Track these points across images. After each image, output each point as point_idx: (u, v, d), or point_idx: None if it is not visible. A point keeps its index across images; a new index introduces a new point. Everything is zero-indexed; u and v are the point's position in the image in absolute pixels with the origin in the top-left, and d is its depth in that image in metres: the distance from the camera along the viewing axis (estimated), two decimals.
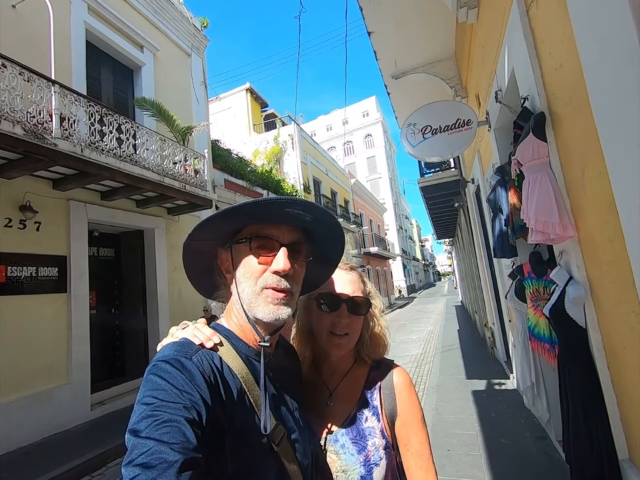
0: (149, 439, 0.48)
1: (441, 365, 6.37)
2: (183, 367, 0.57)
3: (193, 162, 6.91)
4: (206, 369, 0.60)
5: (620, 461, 1.66)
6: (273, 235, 0.71)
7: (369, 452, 0.82)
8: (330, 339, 0.88)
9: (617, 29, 1.19)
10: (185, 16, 8.53)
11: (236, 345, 0.70)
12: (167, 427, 0.49)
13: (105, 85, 6.84)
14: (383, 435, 0.85)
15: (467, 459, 3.02)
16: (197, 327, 0.70)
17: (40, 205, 4.98)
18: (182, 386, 0.54)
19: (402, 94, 5.33)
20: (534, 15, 2.02)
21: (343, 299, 0.88)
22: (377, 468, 0.81)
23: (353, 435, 0.85)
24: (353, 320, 0.88)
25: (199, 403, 0.54)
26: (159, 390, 0.53)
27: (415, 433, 0.84)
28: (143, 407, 0.52)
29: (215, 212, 0.69)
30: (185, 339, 0.65)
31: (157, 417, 0.50)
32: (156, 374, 0.56)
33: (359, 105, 36.62)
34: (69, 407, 4.96)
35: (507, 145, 3.02)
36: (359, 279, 0.95)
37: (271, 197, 0.70)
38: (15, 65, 4.22)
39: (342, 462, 0.82)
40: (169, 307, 6.93)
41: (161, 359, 0.58)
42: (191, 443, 0.49)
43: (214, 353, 0.65)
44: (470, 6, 3.20)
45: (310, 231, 0.76)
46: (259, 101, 17.64)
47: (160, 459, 0.46)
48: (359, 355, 0.95)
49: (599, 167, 1.47)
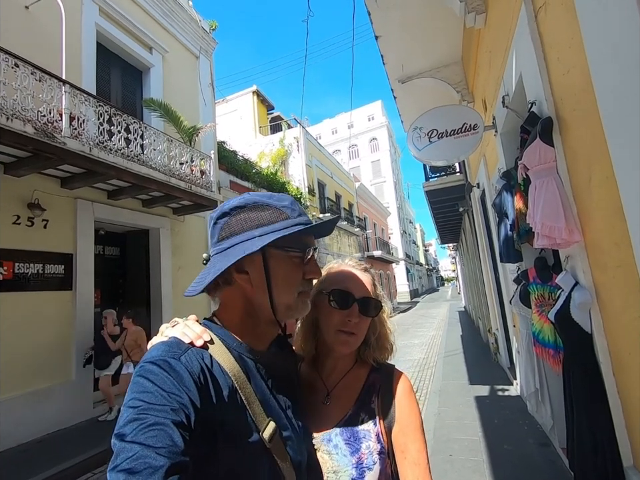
0: (134, 443, 0.47)
1: (443, 370, 6.34)
2: (171, 368, 0.56)
3: (199, 163, 6.96)
4: (195, 369, 0.59)
5: (625, 468, 1.65)
6: (310, 244, 0.76)
7: (362, 455, 0.81)
8: (337, 337, 0.87)
9: (625, 34, 1.19)
10: (193, 18, 8.63)
11: (227, 342, 0.69)
12: (153, 431, 0.49)
13: (114, 85, 6.92)
14: (379, 439, 0.83)
15: (470, 464, 3.00)
16: (187, 324, 0.69)
17: (48, 202, 5.03)
18: (169, 388, 0.54)
19: (408, 98, 5.35)
20: (542, 20, 2.03)
21: (355, 298, 0.87)
22: (369, 472, 0.80)
23: (347, 436, 0.83)
24: (362, 320, 0.88)
25: (187, 404, 0.53)
26: (146, 392, 0.53)
27: (413, 440, 0.82)
28: (130, 410, 0.51)
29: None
30: (174, 338, 0.64)
31: (142, 421, 0.49)
32: (143, 376, 0.55)
33: (364, 109, 36.71)
34: (71, 405, 4.98)
35: (513, 150, 3.03)
36: (372, 281, 0.94)
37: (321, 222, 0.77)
38: (27, 64, 4.29)
39: (333, 462, 0.81)
40: (173, 305, 6.96)
41: (149, 360, 0.57)
42: (177, 447, 0.49)
43: (204, 351, 0.64)
44: (478, 11, 3.21)
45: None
46: (265, 103, 17.75)
47: (145, 463, 0.46)
48: (360, 357, 0.94)
49: (606, 171, 1.47)
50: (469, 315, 14.17)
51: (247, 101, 16.97)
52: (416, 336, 11.36)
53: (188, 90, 8.48)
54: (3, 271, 4.51)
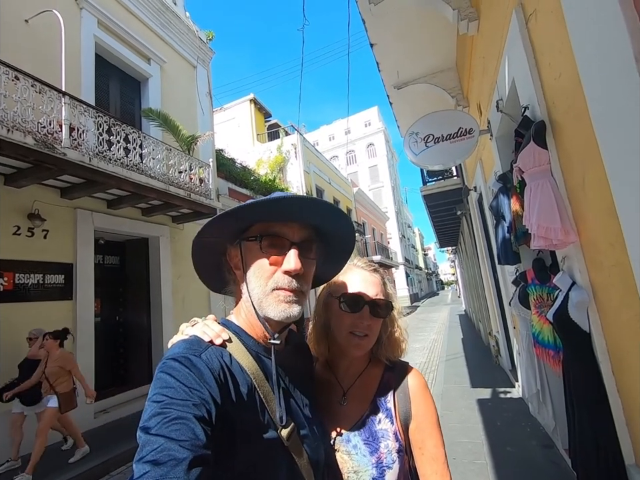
0: (158, 436, 0.49)
1: (445, 374, 6.33)
2: (192, 365, 0.58)
3: (198, 171, 7.01)
4: (215, 366, 0.60)
5: (627, 466, 1.66)
6: (283, 233, 0.70)
7: (381, 454, 0.81)
8: (350, 339, 0.87)
9: (612, 39, 1.23)
10: (191, 29, 8.74)
11: (245, 342, 0.71)
12: (176, 425, 0.50)
13: (113, 96, 6.98)
14: (396, 437, 0.84)
15: (473, 467, 2.99)
16: (206, 323, 0.70)
17: (48, 213, 5.06)
18: (191, 383, 0.55)
19: (404, 104, 5.41)
20: (533, 27, 2.08)
21: (365, 300, 0.87)
22: (389, 471, 0.80)
23: (365, 436, 0.84)
24: (374, 322, 0.88)
25: (208, 400, 0.55)
26: (168, 388, 0.54)
27: (429, 436, 0.83)
28: (153, 405, 0.53)
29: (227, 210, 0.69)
30: (194, 336, 0.65)
31: (166, 415, 0.51)
32: (165, 372, 0.57)
33: (361, 115, 36.97)
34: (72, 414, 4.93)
35: (509, 153, 3.07)
36: (381, 280, 0.94)
37: (280, 195, 0.68)
38: (27, 77, 4.34)
39: (354, 462, 0.81)
40: (173, 314, 6.94)
41: (171, 356, 0.59)
42: (200, 440, 0.50)
43: (223, 349, 0.65)
44: (470, 19, 3.27)
45: (320, 227, 0.76)
46: (262, 111, 17.88)
47: (169, 455, 0.47)
48: (374, 356, 0.95)
49: (599, 173, 1.50)
50: (470, 318, 14.14)
51: (245, 108, 17.09)
52: (417, 340, 11.32)
53: (186, 99, 8.56)
54: (4, 282, 4.51)
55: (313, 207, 0.71)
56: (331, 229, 0.78)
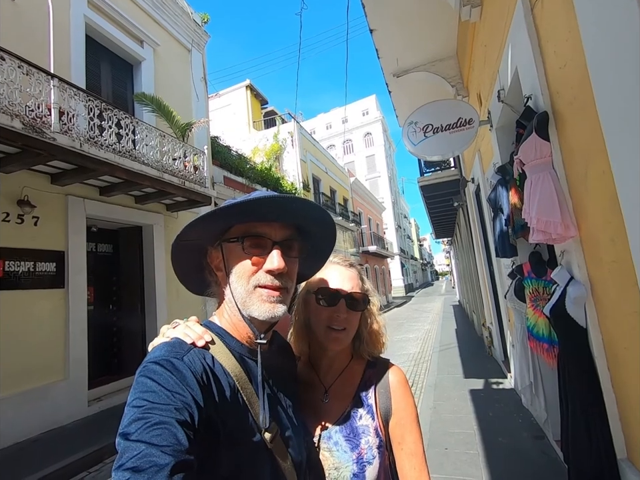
0: (139, 442, 0.47)
1: (438, 364, 6.39)
2: (174, 368, 0.56)
3: (193, 158, 6.88)
4: (197, 369, 0.59)
5: (618, 460, 1.67)
6: (265, 233, 0.69)
7: (362, 450, 0.83)
8: (328, 334, 0.88)
9: (624, 28, 1.18)
10: (185, 11, 8.48)
11: (229, 343, 0.70)
12: (158, 430, 0.49)
13: (105, 79, 6.79)
14: (377, 433, 0.85)
15: (465, 457, 3.03)
16: (189, 325, 0.69)
17: (38, 199, 4.94)
18: (173, 387, 0.54)
19: (403, 92, 5.33)
20: (538, 13, 2.01)
21: (341, 294, 0.89)
22: (369, 466, 0.82)
23: (346, 432, 0.85)
24: (351, 315, 0.89)
25: (191, 403, 0.54)
26: (149, 392, 0.53)
27: (409, 432, 0.85)
28: (134, 410, 0.51)
29: (206, 212, 0.68)
30: (176, 339, 0.64)
31: (147, 420, 0.49)
32: (146, 375, 0.55)
33: (358, 104, 36.55)
34: (66, 403, 4.94)
35: (509, 145, 3.02)
36: (358, 275, 0.96)
37: (260, 195, 0.68)
38: (14, 57, 4.17)
39: (334, 459, 0.82)
40: (167, 303, 6.91)
41: (151, 360, 0.57)
42: (182, 445, 0.49)
43: (206, 351, 0.64)
44: (473, 4, 3.19)
45: (301, 225, 0.76)
46: (258, 98, 17.58)
47: (150, 462, 0.46)
48: (356, 353, 0.96)
49: (603, 166, 1.46)
50: (463, 309, 14.30)
51: (241, 95, 16.79)
52: (411, 330, 11.43)
53: (180, 84, 8.35)
54: None
55: (292, 206, 0.70)
56: (313, 226, 0.78)
